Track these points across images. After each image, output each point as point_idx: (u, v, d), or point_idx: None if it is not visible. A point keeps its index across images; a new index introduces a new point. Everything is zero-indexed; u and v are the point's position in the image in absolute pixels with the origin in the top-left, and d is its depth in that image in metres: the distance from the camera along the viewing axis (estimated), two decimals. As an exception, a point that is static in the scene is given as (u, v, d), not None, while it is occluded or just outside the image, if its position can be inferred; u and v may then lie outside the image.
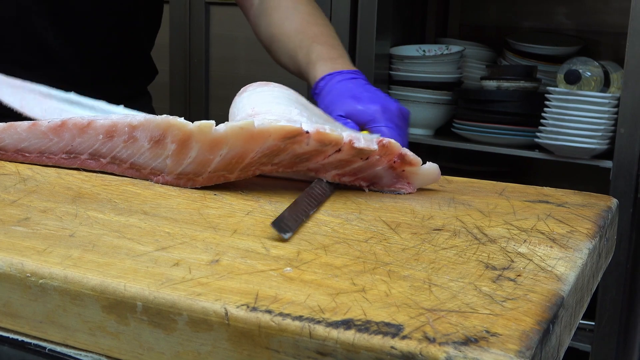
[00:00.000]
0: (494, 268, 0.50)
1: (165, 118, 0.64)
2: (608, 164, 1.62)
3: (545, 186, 0.85)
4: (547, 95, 1.64)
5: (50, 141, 0.71)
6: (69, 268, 0.46)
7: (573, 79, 1.57)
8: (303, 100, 0.74)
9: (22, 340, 0.48)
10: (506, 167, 1.90)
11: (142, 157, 0.68)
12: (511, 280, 0.48)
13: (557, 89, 1.62)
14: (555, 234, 0.58)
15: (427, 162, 0.70)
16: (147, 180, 0.69)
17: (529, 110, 1.70)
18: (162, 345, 0.43)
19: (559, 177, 1.90)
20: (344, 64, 0.92)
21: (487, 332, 0.40)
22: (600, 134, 1.59)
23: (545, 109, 1.64)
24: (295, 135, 0.62)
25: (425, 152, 1.91)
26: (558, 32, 1.94)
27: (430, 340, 0.38)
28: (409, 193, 0.70)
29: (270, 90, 0.72)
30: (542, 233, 0.58)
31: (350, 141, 0.64)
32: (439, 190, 0.71)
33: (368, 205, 0.64)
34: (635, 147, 1.56)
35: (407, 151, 0.68)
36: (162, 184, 0.68)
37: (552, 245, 0.55)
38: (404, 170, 0.69)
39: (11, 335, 0.48)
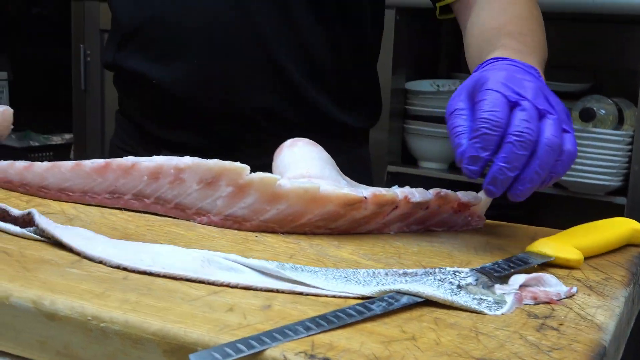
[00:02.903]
0: (536, 316, 0.52)
1: (218, 162, 0.67)
2: (622, 200, 1.64)
3: (558, 221, 0.87)
4: (562, 132, 1.66)
5: (93, 181, 0.73)
6: (129, 312, 0.48)
7: (588, 117, 1.59)
8: (332, 160, 0.77)
9: (82, 382, 0.49)
10: (519, 202, 1.92)
11: (188, 198, 0.70)
12: (554, 329, 0.49)
13: (572, 126, 1.64)
14: (591, 281, 0.60)
15: (481, 191, 0.73)
16: (190, 220, 0.71)
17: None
18: (222, 389, 0.45)
19: (573, 212, 1.91)
20: (524, 57, 0.71)
21: (539, 382, 0.41)
22: (614, 170, 1.61)
23: (560, 145, 1.66)
24: (355, 203, 0.65)
25: (439, 186, 1.93)
26: (570, 68, 1.97)
27: (486, 391, 0.40)
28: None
29: (318, 151, 0.76)
30: (578, 280, 0.60)
31: (405, 197, 0.67)
32: (473, 233, 0.73)
33: (406, 249, 0.66)
34: (650, 184, 1.58)
35: (464, 196, 0.71)
36: (206, 224, 0.70)
37: (589, 293, 0.57)
38: (469, 210, 0.71)
39: (71, 377, 0.50)
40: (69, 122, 2.40)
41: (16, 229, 0.64)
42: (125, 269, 0.56)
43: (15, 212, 0.65)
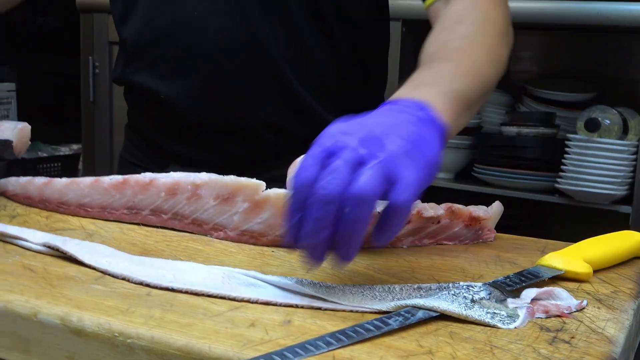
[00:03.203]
0: (548, 330, 0.53)
1: (235, 178, 0.69)
2: (627, 209, 1.65)
3: (564, 230, 0.88)
4: (567, 142, 1.67)
5: (112, 197, 0.75)
6: (154, 328, 0.50)
7: (593, 127, 1.61)
8: None
9: (109, 396, 0.51)
10: (525, 211, 1.93)
11: (205, 214, 0.71)
12: (566, 342, 0.51)
13: (577, 136, 1.66)
14: (600, 294, 0.61)
15: (493, 204, 0.75)
16: (207, 235, 0.73)
17: (549, 155, 1.74)
18: (246, 403, 0.47)
19: (578, 221, 1.93)
20: (423, 90, 0.67)
21: (553, 396, 0.43)
22: (619, 180, 1.62)
23: (566, 155, 1.67)
24: None
25: (445, 195, 1.94)
26: (575, 78, 1.99)
27: (503, 404, 0.41)
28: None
29: None
30: (588, 293, 0.61)
31: (418, 212, 0.69)
32: (484, 246, 0.75)
33: (419, 263, 0.68)
34: (655, 193, 1.60)
35: (475, 210, 0.72)
36: (222, 239, 0.72)
37: (599, 306, 0.58)
38: (480, 223, 0.73)
39: (98, 391, 0.51)
40: (77, 133, 2.42)
41: (38, 246, 0.65)
42: (148, 285, 0.58)
43: (35, 247, 0.66)
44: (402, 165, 0.55)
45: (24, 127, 0.84)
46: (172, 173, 0.74)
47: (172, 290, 0.57)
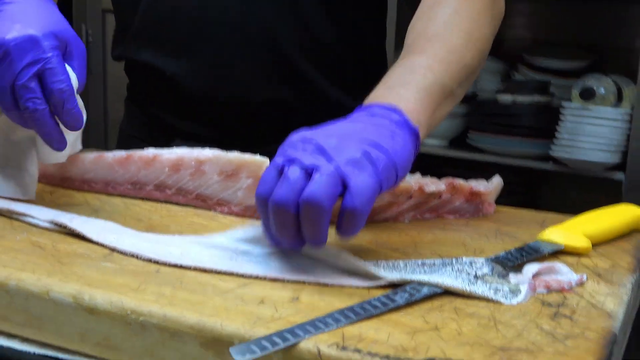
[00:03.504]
0: (550, 305, 0.54)
1: (238, 155, 0.70)
2: (620, 176, 1.67)
3: (558, 196, 0.89)
4: (561, 110, 1.68)
5: (115, 173, 0.76)
6: (166, 306, 0.51)
7: (588, 95, 1.62)
8: None
9: (122, 371, 0.52)
10: (519, 178, 1.95)
11: (209, 189, 0.72)
12: (568, 317, 0.52)
13: (571, 104, 1.67)
14: (599, 268, 0.63)
15: (493, 178, 0.76)
16: (211, 210, 0.73)
17: (543, 123, 1.75)
18: (258, 379, 0.48)
19: (571, 188, 1.95)
20: (393, 92, 0.67)
21: (557, 371, 0.44)
22: (613, 147, 1.64)
23: (560, 123, 1.68)
24: None
25: (439, 162, 1.96)
26: (570, 46, 1.99)
27: (509, 380, 0.43)
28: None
29: None
30: (587, 267, 0.63)
31: (420, 187, 0.70)
32: (484, 220, 0.76)
33: (421, 238, 0.69)
34: (648, 161, 1.61)
35: (476, 185, 0.73)
36: (227, 214, 0.72)
37: (598, 280, 0.60)
38: (480, 198, 0.74)
39: (111, 366, 0.53)
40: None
41: (45, 223, 0.66)
42: (157, 262, 0.59)
43: (42, 224, 0.66)
44: (358, 170, 0.56)
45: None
46: (175, 149, 0.75)
47: (181, 267, 0.58)
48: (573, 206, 1.04)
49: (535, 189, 2.00)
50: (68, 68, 0.67)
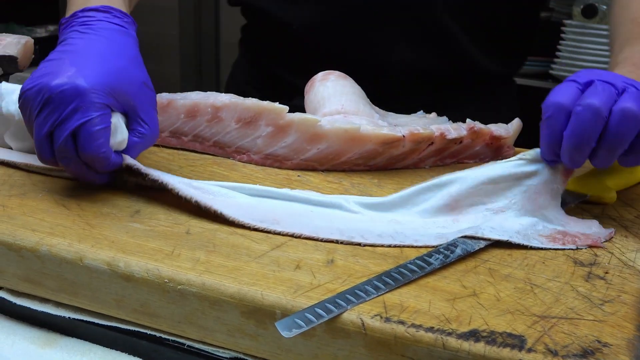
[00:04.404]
0: (582, 264, 0.55)
1: (256, 101, 0.68)
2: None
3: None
4: (562, 28, 1.66)
5: (129, 119, 0.74)
6: (204, 274, 0.51)
7: (590, 13, 1.59)
8: (363, 92, 0.77)
9: (160, 337, 0.52)
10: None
11: (227, 136, 0.71)
12: (601, 278, 0.53)
13: (572, 21, 1.64)
14: (625, 220, 0.63)
15: (513, 121, 0.76)
16: (230, 158, 0.72)
17: (543, 40, 1.72)
18: (300, 348, 0.48)
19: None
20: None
21: (599, 342, 0.45)
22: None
23: (561, 41, 1.66)
24: (393, 141, 0.66)
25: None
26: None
27: (554, 354, 0.44)
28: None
29: (351, 85, 0.76)
30: (614, 219, 0.63)
31: (441, 134, 0.69)
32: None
33: (445, 188, 0.68)
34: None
35: (497, 130, 0.72)
36: (246, 162, 0.71)
37: (626, 234, 0.60)
38: (500, 142, 0.73)
39: (149, 332, 0.53)
40: (54, 12, 2.33)
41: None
42: (197, 203, 0.59)
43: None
44: None
45: (28, 42, 0.80)
46: (189, 93, 0.73)
47: (221, 215, 0.58)
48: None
49: (535, 109, 1.99)
50: (119, 123, 0.61)
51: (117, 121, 0.61)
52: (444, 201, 0.60)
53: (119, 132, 0.61)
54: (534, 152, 0.61)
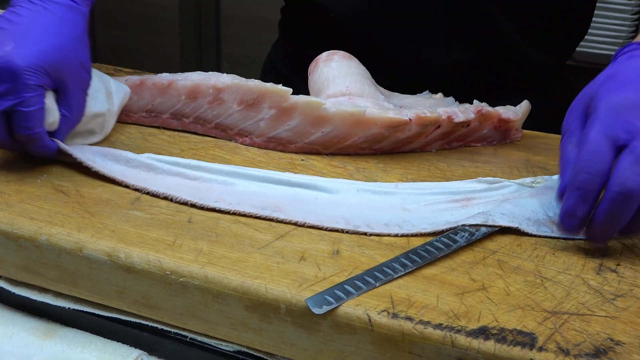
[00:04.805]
0: (592, 255, 0.54)
1: (259, 83, 0.67)
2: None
3: (563, 90, 0.87)
4: (569, 0, 1.63)
5: (129, 99, 0.72)
6: (206, 266, 0.49)
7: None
8: (368, 73, 0.74)
9: (162, 329, 0.51)
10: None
11: (229, 119, 0.69)
12: (613, 271, 0.52)
13: None
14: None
15: (522, 103, 0.74)
16: (232, 140, 0.71)
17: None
18: (305, 342, 0.47)
19: (578, 82, 1.92)
20: None
21: (611, 339, 0.44)
22: (621, 40, 1.60)
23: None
24: (399, 125, 0.65)
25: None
26: None
27: (565, 353, 0.43)
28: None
29: (356, 65, 0.73)
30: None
31: (448, 117, 0.67)
32: (512, 147, 0.73)
33: (452, 172, 0.67)
34: (656, 55, 1.58)
35: (505, 112, 0.71)
36: (249, 145, 0.70)
37: (637, 224, 0.59)
38: (508, 124, 0.72)
39: (151, 324, 0.52)
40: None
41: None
42: (193, 205, 0.57)
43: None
44: None
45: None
46: (190, 74, 0.71)
47: (219, 211, 0.56)
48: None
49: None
50: (52, 105, 0.61)
51: (50, 102, 0.61)
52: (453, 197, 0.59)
53: (51, 113, 0.61)
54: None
